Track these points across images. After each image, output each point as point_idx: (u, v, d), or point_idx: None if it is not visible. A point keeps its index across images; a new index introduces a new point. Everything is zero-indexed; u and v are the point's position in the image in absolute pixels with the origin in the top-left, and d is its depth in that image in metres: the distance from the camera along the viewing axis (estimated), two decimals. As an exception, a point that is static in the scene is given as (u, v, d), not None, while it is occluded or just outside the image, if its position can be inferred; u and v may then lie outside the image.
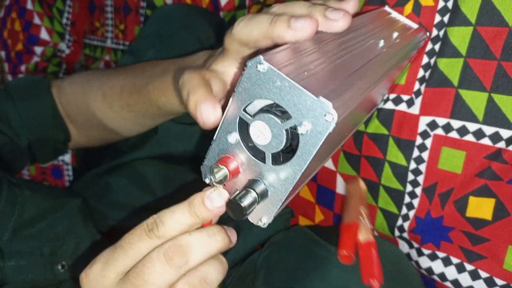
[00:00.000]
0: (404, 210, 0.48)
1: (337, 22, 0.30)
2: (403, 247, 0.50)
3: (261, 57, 0.24)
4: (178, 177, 0.64)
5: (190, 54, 0.46)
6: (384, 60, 0.33)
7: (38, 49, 1.14)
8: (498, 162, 0.40)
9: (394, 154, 0.48)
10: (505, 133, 0.40)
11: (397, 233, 0.49)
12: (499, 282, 0.42)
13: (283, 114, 0.25)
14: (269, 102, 0.26)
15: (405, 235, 0.48)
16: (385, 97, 0.48)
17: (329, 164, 0.56)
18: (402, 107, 0.46)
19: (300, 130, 0.24)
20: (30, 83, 0.57)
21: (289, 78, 0.24)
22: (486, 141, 0.41)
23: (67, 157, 1.14)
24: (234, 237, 0.30)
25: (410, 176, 0.47)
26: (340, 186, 0.55)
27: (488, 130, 0.41)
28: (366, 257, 0.43)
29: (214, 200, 0.27)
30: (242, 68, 0.33)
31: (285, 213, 0.62)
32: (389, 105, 0.47)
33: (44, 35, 1.13)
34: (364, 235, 0.45)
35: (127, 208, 0.63)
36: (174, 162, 0.66)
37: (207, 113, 0.29)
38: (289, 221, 0.62)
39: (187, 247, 0.27)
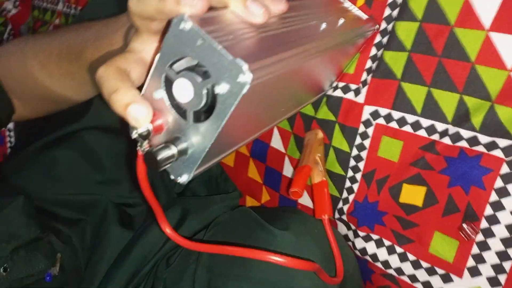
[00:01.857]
0: (344, 194, 0.51)
1: (256, 17, 0.29)
2: (342, 228, 0.53)
3: (185, 15, 0.25)
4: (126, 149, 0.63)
5: None
6: (322, 40, 0.34)
7: (-19, 7, 1.06)
8: (431, 153, 0.43)
9: (339, 140, 0.49)
10: (439, 126, 0.42)
11: (337, 215, 0.52)
12: (425, 264, 0.45)
13: (204, 74, 0.26)
14: (194, 62, 0.27)
15: (344, 217, 0.51)
16: (334, 85, 0.49)
17: (279, 145, 0.57)
18: (350, 95, 0.48)
19: (217, 89, 0.25)
20: None
21: (210, 38, 0.24)
22: (422, 132, 0.44)
23: (10, 124, 1.08)
24: None
25: (352, 162, 0.49)
26: (288, 169, 0.57)
27: (425, 122, 0.43)
28: (319, 196, 0.48)
29: None
30: (158, 39, 0.33)
31: (233, 194, 0.63)
32: (338, 93, 0.49)
33: (-13, -9, 1.06)
34: (318, 178, 0.49)
35: (76, 185, 0.61)
36: (124, 135, 0.65)
37: (139, 116, 0.28)
38: (237, 201, 0.63)
39: None
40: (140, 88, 0.29)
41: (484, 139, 0.40)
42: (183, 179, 0.30)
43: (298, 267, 0.31)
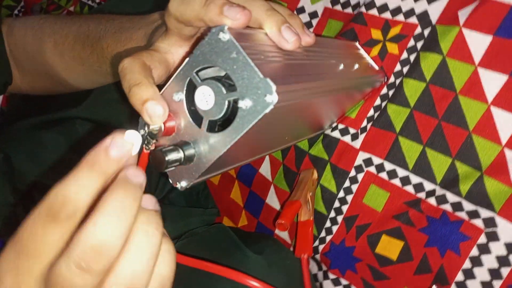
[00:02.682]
0: (323, 233, 0.51)
1: (287, 43, 0.30)
2: (313, 267, 0.53)
3: (226, 26, 0.26)
4: None
5: None
6: (337, 79, 0.35)
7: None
8: (415, 210, 0.44)
9: (328, 180, 0.50)
10: (428, 185, 0.43)
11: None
12: (388, 318, 0.45)
13: (230, 87, 0.27)
14: (222, 73, 0.27)
15: (317, 256, 0.51)
16: (333, 125, 0.50)
17: (267, 173, 0.57)
18: (347, 139, 0.49)
19: (241, 104, 0.26)
20: None
21: (244, 53, 0.25)
22: (410, 188, 0.45)
23: (-1, 97, 1.06)
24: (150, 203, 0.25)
25: (336, 203, 0.49)
26: (271, 197, 0.57)
27: (414, 179, 0.44)
28: (302, 234, 0.49)
29: (119, 146, 0.22)
30: (185, 45, 0.34)
31: (212, 211, 0.63)
32: (336, 134, 0.50)
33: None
34: (305, 217, 0.49)
35: (59, 172, 0.60)
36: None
37: (155, 113, 0.28)
38: (214, 218, 0.63)
39: (102, 246, 0.21)
40: (159, 88, 0.30)
41: (468, 206, 0.41)
42: (182, 185, 0.30)
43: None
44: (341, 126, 0.50)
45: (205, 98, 0.27)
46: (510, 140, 0.39)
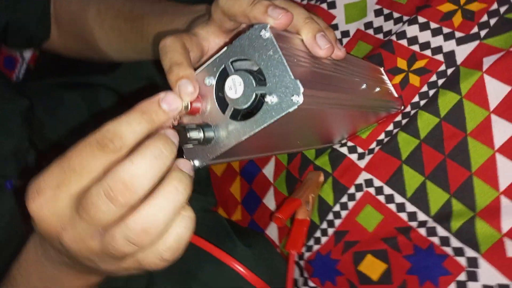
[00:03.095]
0: (311, 242, 0.52)
1: (320, 50, 0.32)
2: (295, 272, 0.54)
3: (269, 25, 0.28)
4: None
5: None
6: (358, 97, 0.37)
7: None
8: (404, 237, 0.45)
9: (327, 192, 0.52)
10: (421, 216, 0.45)
11: (296, 258, 0.53)
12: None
13: (260, 81, 0.29)
14: (254, 68, 0.29)
15: (302, 263, 0.52)
16: (343, 141, 0.52)
17: (269, 174, 0.59)
18: (353, 157, 0.51)
19: (267, 99, 0.27)
20: None
21: (281, 52, 0.27)
22: (403, 215, 0.46)
23: (28, 54, 1.09)
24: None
25: (330, 216, 0.51)
26: (269, 198, 0.58)
27: (410, 207, 0.46)
28: (297, 231, 0.49)
29: (170, 101, 0.27)
30: (222, 37, 0.36)
31: (210, 199, 0.64)
32: (344, 150, 0.52)
33: None
34: (302, 216, 0.50)
35: (69, 129, 0.62)
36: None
37: (186, 91, 0.30)
38: (211, 207, 0.65)
39: (132, 181, 0.24)
40: None
41: (455, 242, 0.42)
42: (195, 164, 0.31)
43: (253, 282, 0.33)
44: (350, 143, 0.51)
45: (235, 87, 0.29)
46: (508, 188, 0.40)
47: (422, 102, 0.47)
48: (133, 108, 0.26)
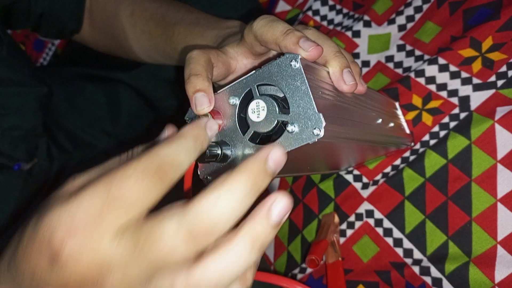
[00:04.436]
0: (305, 264, 0.53)
1: (345, 85, 0.33)
2: (285, 292, 0.54)
3: (300, 56, 0.29)
4: (147, 121, 0.66)
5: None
6: (373, 132, 0.38)
7: None
8: (397, 273, 0.46)
9: (327, 217, 0.52)
10: (417, 254, 0.45)
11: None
12: None
13: (283, 109, 0.29)
14: (279, 95, 0.30)
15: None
16: (349, 168, 0.53)
17: (273, 191, 0.60)
18: (358, 185, 0.51)
19: (289, 127, 0.28)
20: None
21: (308, 85, 0.28)
22: (399, 251, 0.46)
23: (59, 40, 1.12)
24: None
25: (327, 241, 0.51)
26: (269, 214, 0.59)
27: (406, 244, 0.46)
28: (334, 275, 0.48)
29: (212, 128, 0.26)
30: (250, 59, 0.37)
31: None
32: (349, 178, 0.52)
33: None
34: (332, 259, 0.49)
35: (86, 121, 0.64)
36: (155, 108, 0.68)
37: (201, 104, 0.31)
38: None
39: (217, 223, 0.20)
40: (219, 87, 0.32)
41: (447, 285, 0.42)
42: (209, 180, 0.32)
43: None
44: (356, 172, 0.52)
45: (258, 110, 0.30)
46: (505, 238, 0.40)
47: (432, 142, 0.47)
48: (186, 133, 0.23)
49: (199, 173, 0.33)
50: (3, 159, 0.51)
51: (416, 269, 0.45)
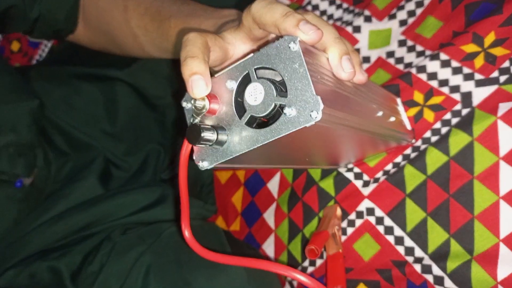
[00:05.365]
0: (306, 263, 0.52)
1: (343, 72, 0.32)
2: (286, 287, 0.54)
3: (298, 38, 0.28)
4: (146, 120, 0.65)
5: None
6: (373, 123, 0.37)
7: None
8: (399, 271, 0.45)
9: (327, 214, 0.52)
10: (418, 252, 0.45)
11: (289, 277, 0.53)
12: None
13: (281, 92, 0.29)
14: (277, 78, 0.30)
15: (294, 282, 0.52)
16: (349, 166, 0.52)
17: (273, 189, 0.59)
18: (358, 183, 0.51)
19: (286, 110, 0.28)
20: None
21: (306, 67, 0.27)
22: (401, 249, 0.46)
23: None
24: None
25: (328, 239, 0.51)
26: (270, 213, 0.59)
27: (408, 242, 0.45)
28: (333, 267, 0.48)
29: None
30: (248, 44, 0.36)
31: (211, 207, 0.65)
32: (349, 175, 0.52)
33: None
34: (333, 250, 0.48)
35: (84, 121, 0.63)
36: (154, 106, 0.67)
37: (197, 87, 0.30)
38: (210, 215, 0.65)
39: None
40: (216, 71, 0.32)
41: (448, 283, 0.42)
42: (204, 165, 0.32)
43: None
44: (357, 170, 0.51)
45: (255, 94, 0.29)
46: (508, 236, 0.40)
47: (434, 139, 0.47)
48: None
49: (194, 157, 0.32)
50: (4, 176, 0.51)
51: (417, 267, 0.44)
